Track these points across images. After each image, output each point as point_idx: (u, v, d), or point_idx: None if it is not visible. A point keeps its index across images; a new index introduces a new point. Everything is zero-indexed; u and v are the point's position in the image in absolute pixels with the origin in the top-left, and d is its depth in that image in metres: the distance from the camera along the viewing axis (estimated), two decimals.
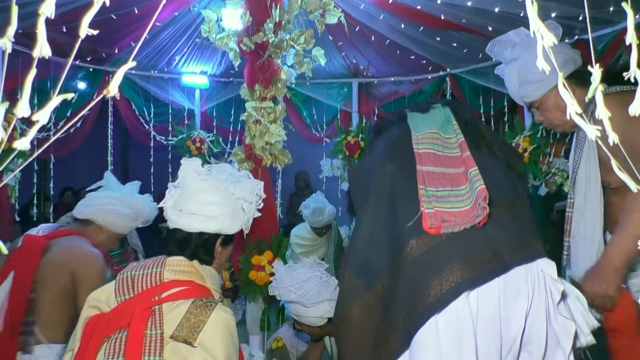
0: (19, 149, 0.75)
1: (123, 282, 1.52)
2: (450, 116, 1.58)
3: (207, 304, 1.45)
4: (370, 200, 1.42)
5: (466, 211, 1.29)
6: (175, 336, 1.40)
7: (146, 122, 5.71)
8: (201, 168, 1.63)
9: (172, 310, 1.44)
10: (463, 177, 1.37)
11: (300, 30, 3.32)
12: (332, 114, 6.19)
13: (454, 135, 1.51)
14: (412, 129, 1.53)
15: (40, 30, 0.74)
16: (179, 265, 1.54)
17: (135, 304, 1.45)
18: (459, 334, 1.22)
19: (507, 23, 4.00)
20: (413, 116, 1.60)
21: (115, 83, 0.81)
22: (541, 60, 0.88)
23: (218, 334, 1.42)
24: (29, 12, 3.05)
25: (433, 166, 1.39)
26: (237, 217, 1.62)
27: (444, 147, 1.46)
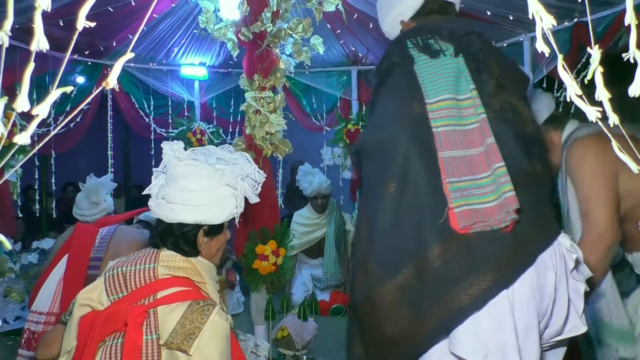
0: (19, 145, 0.75)
1: (114, 280, 1.43)
2: (463, 69, 1.40)
3: (204, 307, 1.37)
4: (389, 186, 1.33)
5: (491, 209, 1.27)
6: (169, 343, 1.33)
7: (146, 115, 5.70)
8: (183, 152, 1.50)
9: (167, 315, 1.36)
10: (483, 162, 1.31)
11: (298, 19, 3.30)
12: (332, 103, 6.17)
13: (470, 97, 1.37)
14: (423, 88, 1.36)
15: (37, 23, 0.74)
16: (174, 261, 1.46)
17: (129, 304, 1.38)
18: (498, 321, 1.25)
19: (507, 7, 3.98)
20: (420, 62, 1.40)
21: (114, 75, 0.81)
22: (540, 42, 0.88)
23: (214, 341, 1.35)
24: (25, 7, 3.04)
25: (452, 149, 1.31)
26: (225, 205, 1.49)
27: (459, 118, 1.34)
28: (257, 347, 2.97)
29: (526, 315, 1.27)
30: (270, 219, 3.28)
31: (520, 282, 1.28)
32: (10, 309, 4.05)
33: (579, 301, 1.37)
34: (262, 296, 3.22)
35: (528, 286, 1.28)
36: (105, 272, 1.48)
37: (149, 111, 5.70)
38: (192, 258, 1.49)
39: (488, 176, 1.30)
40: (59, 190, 6.58)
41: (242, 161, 1.57)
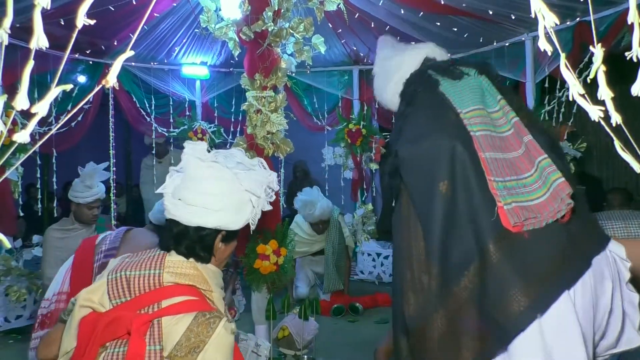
0: (18, 142, 0.75)
1: (117, 284, 1.39)
2: (490, 86, 1.43)
3: (210, 320, 1.33)
4: (442, 186, 1.29)
5: (543, 204, 1.23)
6: (173, 356, 1.30)
7: (147, 114, 5.70)
8: (206, 154, 1.44)
9: (172, 326, 1.33)
10: (525, 163, 1.30)
11: (299, 18, 3.29)
12: (333, 102, 6.17)
13: (499, 109, 1.39)
14: (452, 102, 1.38)
15: (36, 21, 0.74)
16: (180, 267, 1.41)
17: (132, 311, 1.34)
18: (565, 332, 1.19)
19: (508, 7, 3.97)
20: (445, 83, 1.43)
21: (114, 73, 0.81)
22: (543, 41, 0.87)
23: (219, 354, 1.32)
24: (26, 6, 3.04)
25: (493, 151, 1.30)
26: (243, 211, 1.45)
27: (492, 126, 1.35)
28: (258, 346, 2.97)
29: (585, 327, 1.22)
30: (272, 219, 3.28)
31: (582, 287, 1.22)
32: (11, 307, 4.05)
33: (635, 313, 1.32)
34: (263, 296, 3.22)
35: (588, 294, 1.23)
36: (108, 273, 1.43)
37: (150, 110, 5.70)
38: (200, 264, 1.44)
39: (532, 174, 1.28)
40: (60, 189, 6.59)
41: (261, 168, 1.52)
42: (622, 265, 1.32)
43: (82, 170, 3.48)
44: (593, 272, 1.25)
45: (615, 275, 1.30)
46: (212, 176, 1.41)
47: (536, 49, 4.48)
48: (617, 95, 0.87)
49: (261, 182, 1.47)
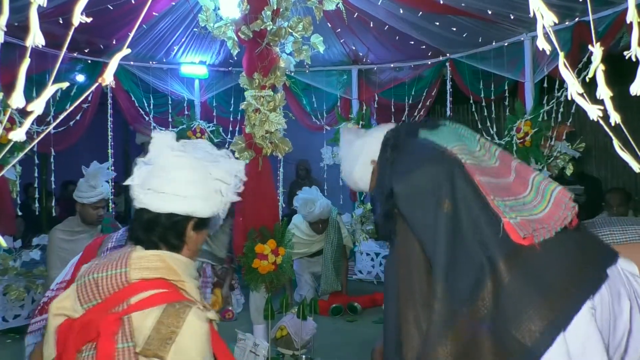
0: (14, 141, 0.75)
1: (86, 287, 1.38)
2: (466, 131, 1.49)
3: (179, 310, 1.31)
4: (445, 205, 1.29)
5: (548, 214, 1.23)
6: (145, 350, 1.28)
7: (146, 113, 5.69)
8: (175, 143, 1.46)
9: (142, 320, 1.31)
10: (519, 185, 1.32)
11: (298, 18, 3.29)
12: (332, 102, 6.17)
13: (480, 148, 1.44)
14: (435, 142, 1.43)
15: (32, 19, 0.74)
16: (146, 262, 1.39)
17: (102, 312, 1.33)
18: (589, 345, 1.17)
19: (508, 6, 3.97)
20: (423, 133, 1.49)
21: (110, 71, 0.81)
22: (541, 40, 0.87)
23: (192, 343, 1.30)
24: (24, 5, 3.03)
25: (486, 177, 1.32)
26: (212, 199, 1.46)
27: (479, 160, 1.38)
28: (256, 346, 2.97)
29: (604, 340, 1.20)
30: (270, 218, 3.28)
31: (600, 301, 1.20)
32: (9, 307, 4.05)
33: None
34: (261, 295, 3.22)
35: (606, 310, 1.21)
36: (77, 279, 1.42)
37: (149, 110, 5.69)
38: (168, 256, 1.42)
39: (529, 193, 1.30)
40: (58, 189, 6.57)
41: (229, 158, 1.53)
42: (637, 284, 1.30)
43: (86, 170, 3.45)
44: (609, 287, 1.23)
45: (632, 295, 1.28)
46: (182, 164, 1.41)
47: (535, 49, 4.48)
48: (616, 95, 0.87)
49: (230, 171, 1.48)
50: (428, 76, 5.69)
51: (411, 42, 5.15)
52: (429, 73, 5.68)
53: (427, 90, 5.65)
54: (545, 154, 4.36)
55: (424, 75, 5.72)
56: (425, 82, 5.68)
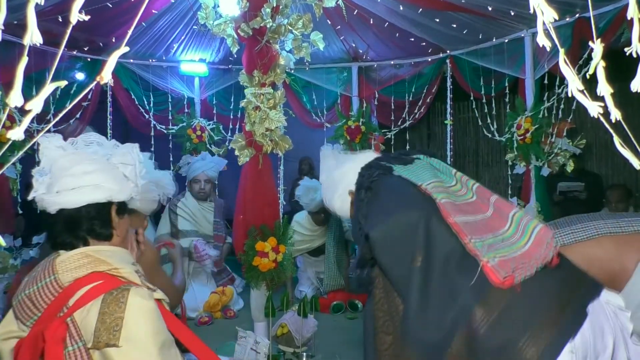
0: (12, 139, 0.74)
1: (22, 306, 1.35)
2: (440, 164, 1.50)
3: (118, 296, 1.30)
4: (415, 261, 1.28)
5: (528, 252, 1.21)
6: (96, 344, 1.26)
7: (146, 111, 5.69)
8: (65, 143, 1.45)
9: (85, 317, 1.29)
10: (498, 221, 1.30)
11: (298, 15, 3.28)
12: (332, 99, 6.16)
13: (456, 182, 1.44)
14: (410, 179, 1.42)
15: (30, 17, 0.73)
16: (72, 262, 1.36)
17: (45, 322, 1.30)
18: None
19: (508, 2, 3.96)
20: (398, 169, 1.48)
21: (108, 70, 0.80)
22: (542, 36, 0.86)
23: (141, 324, 1.29)
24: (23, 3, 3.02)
25: (462, 215, 1.30)
26: (122, 184, 1.46)
27: (455, 196, 1.38)
28: (257, 344, 2.97)
29: None
30: (271, 216, 3.27)
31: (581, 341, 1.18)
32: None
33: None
34: (262, 293, 3.22)
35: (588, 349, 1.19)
36: (12, 300, 1.40)
37: (149, 108, 5.69)
38: (91, 250, 1.40)
39: (508, 228, 1.28)
40: None
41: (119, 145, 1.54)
42: (624, 317, 1.28)
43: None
44: (591, 325, 1.21)
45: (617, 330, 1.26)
46: (80, 159, 1.41)
47: (535, 46, 4.46)
48: (617, 92, 0.86)
49: (125, 155, 1.49)
50: (428, 73, 5.67)
51: (411, 39, 5.14)
52: (429, 70, 5.67)
53: (427, 87, 5.64)
54: (545, 150, 4.35)
55: (424, 72, 5.71)
56: (426, 79, 5.67)
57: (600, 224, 1.54)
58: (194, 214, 4.72)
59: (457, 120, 6.77)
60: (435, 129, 8.17)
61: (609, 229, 1.52)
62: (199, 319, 4.24)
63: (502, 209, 1.32)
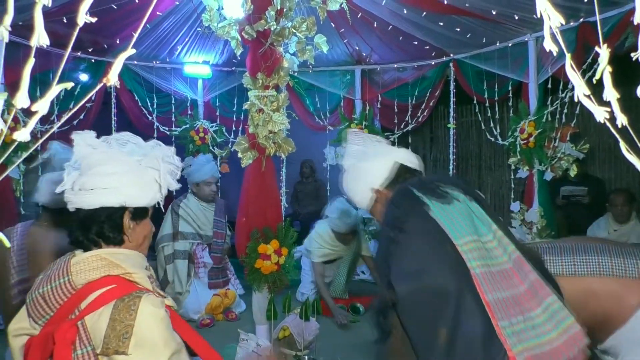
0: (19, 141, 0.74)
1: (35, 304, 1.37)
2: (480, 212, 1.39)
3: (129, 303, 1.30)
4: (440, 334, 1.22)
5: (558, 349, 1.18)
6: (105, 350, 1.26)
7: (149, 112, 5.70)
8: (96, 140, 1.45)
9: (96, 322, 1.30)
10: (530, 299, 1.25)
11: (302, 18, 3.28)
12: (335, 102, 6.17)
13: (493, 238, 1.34)
14: (447, 231, 1.32)
15: (37, 18, 0.73)
16: (86, 264, 1.37)
17: (56, 323, 1.31)
18: None
19: (512, 7, 3.96)
20: (434, 207, 1.37)
21: (115, 71, 0.80)
22: (548, 41, 0.86)
23: (151, 332, 1.29)
24: (28, 4, 3.03)
25: (495, 290, 1.23)
26: (147, 188, 1.44)
27: (490, 259, 1.30)
28: (259, 346, 2.96)
29: None
30: (273, 218, 3.27)
31: None
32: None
33: None
34: (264, 296, 3.21)
35: None
36: (27, 297, 1.42)
37: (152, 109, 5.70)
38: (106, 253, 1.40)
39: (540, 314, 1.23)
40: None
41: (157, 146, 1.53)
42: None
43: None
44: None
45: None
46: (107, 159, 1.41)
47: (539, 50, 4.46)
48: (622, 96, 0.86)
49: (159, 158, 1.47)
50: (431, 77, 5.68)
51: (415, 43, 5.15)
52: (433, 73, 5.67)
53: (430, 90, 5.64)
54: (549, 155, 4.34)
55: (428, 75, 5.71)
56: (429, 82, 5.67)
57: (605, 261, 1.49)
58: (196, 215, 4.72)
59: (460, 124, 6.78)
60: (437, 132, 8.16)
61: (613, 270, 1.47)
62: (201, 321, 4.24)
63: (538, 290, 1.25)
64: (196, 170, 4.58)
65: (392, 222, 1.38)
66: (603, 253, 1.52)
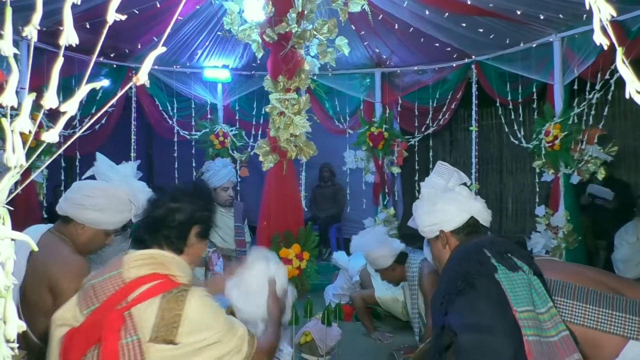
0: (47, 142, 0.72)
1: (86, 294, 1.44)
2: (540, 288, 1.54)
3: (178, 295, 1.38)
4: None
5: None
6: (154, 338, 1.33)
7: (169, 117, 5.73)
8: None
9: (143, 312, 1.36)
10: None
11: (323, 20, 3.26)
12: (355, 105, 6.12)
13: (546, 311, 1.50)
14: (509, 297, 1.48)
15: (66, 16, 0.71)
16: (137, 260, 1.45)
17: (102, 313, 1.37)
18: None
19: (537, 6, 3.88)
20: (501, 272, 1.53)
21: (144, 71, 0.78)
22: (598, 34, 0.81)
23: (202, 317, 1.38)
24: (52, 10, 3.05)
25: (541, 357, 1.40)
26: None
27: (541, 330, 1.46)
28: (280, 351, 2.93)
29: None
30: (294, 223, 3.25)
31: None
32: None
33: None
34: None
35: None
36: (80, 287, 1.50)
37: (172, 113, 5.73)
38: (156, 253, 1.49)
39: None
40: None
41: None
42: None
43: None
44: None
45: None
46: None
47: (564, 50, 4.37)
48: None
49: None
50: (453, 79, 5.60)
51: (436, 45, 5.08)
52: (454, 76, 5.59)
53: (451, 93, 5.56)
54: (575, 157, 4.24)
55: (449, 78, 5.64)
56: (450, 85, 5.60)
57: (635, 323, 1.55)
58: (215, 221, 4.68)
59: (480, 127, 6.68)
60: (457, 135, 8.07)
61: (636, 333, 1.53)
62: None
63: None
64: (213, 175, 4.55)
65: (463, 275, 1.54)
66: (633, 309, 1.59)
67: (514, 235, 7.21)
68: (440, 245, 1.83)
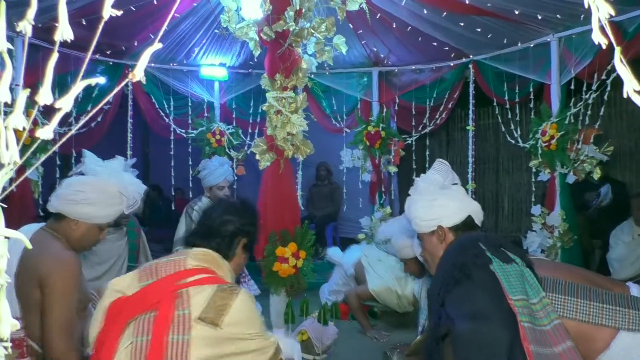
0: (41, 139, 0.71)
1: (146, 269, 1.64)
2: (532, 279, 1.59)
3: (232, 288, 1.56)
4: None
5: None
6: (203, 317, 1.49)
7: (166, 115, 5.71)
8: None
9: (198, 294, 1.53)
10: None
11: (321, 18, 3.25)
12: (352, 104, 6.12)
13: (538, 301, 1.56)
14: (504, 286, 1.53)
15: (61, 11, 0.70)
16: (201, 254, 1.67)
17: (161, 286, 1.55)
18: None
19: (535, 6, 3.88)
20: (495, 263, 1.59)
21: (141, 67, 0.77)
22: (597, 33, 0.81)
23: (245, 311, 1.54)
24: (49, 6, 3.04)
25: (536, 344, 1.45)
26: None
27: (534, 318, 1.51)
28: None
29: None
30: (291, 221, 3.24)
31: None
32: None
33: None
34: (281, 299, 3.18)
35: None
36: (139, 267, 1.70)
37: (169, 111, 5.71)
38: (215, 255, 1.70)
39: None
40: None
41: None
42: None
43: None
44: None
45: None
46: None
47: (562, 50, 4.37)
48: None
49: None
50: (450, 78, 5.59)
51: (434, 44, 5.08)
52: (451, 75, 5.59)
53: (448, 92, 5.56)
54: (571, 157, 4.25)
55: (446, 77, 5.63)
56: (447, 84, 5.59)
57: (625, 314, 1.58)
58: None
59: (477, 127, 6.68)
60: (454, 134, 8.07)
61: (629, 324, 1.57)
62: None
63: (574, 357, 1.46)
64: (209, 173, 4.53)
65: (459, 266, 1.59)
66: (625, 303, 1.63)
67: (510, 234, 7.23)
68: (435, 240, 1.88)
